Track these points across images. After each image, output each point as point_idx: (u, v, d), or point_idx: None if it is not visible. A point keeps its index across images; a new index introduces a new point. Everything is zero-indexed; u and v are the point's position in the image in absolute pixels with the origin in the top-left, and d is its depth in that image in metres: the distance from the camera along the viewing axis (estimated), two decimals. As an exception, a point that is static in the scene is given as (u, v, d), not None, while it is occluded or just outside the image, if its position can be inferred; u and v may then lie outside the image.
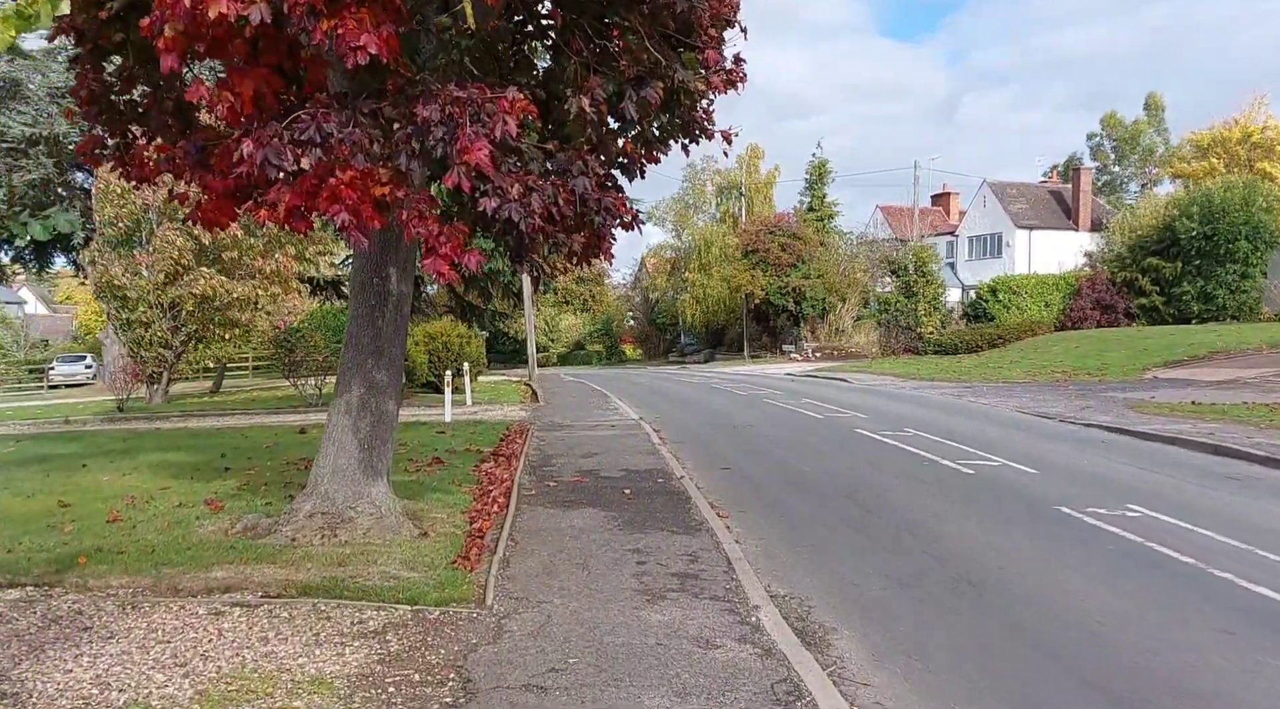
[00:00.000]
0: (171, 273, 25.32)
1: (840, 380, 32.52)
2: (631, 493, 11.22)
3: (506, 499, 11.05)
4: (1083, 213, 60.20)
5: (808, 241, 54.34)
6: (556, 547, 8.73)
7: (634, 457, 14.33)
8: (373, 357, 9.47)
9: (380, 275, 9.45)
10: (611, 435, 17.12)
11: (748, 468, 13.62)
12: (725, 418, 20.44)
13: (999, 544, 8.92)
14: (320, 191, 7.04)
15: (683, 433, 17.92)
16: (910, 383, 30.22)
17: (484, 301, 47.62)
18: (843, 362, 46.43)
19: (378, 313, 9.48)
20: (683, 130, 8.87)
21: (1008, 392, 25.48)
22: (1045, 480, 12.10)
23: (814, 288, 52.76)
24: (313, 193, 7.12)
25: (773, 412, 21.50)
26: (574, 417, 21.17)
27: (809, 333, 54.45)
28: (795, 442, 16.27)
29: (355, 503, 9.35)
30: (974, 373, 32.50)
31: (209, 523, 9.68)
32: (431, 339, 28.56)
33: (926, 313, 42.72)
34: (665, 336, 76.42)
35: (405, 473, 12.98)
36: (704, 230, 63.27)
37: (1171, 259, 40.48)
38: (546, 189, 7.39)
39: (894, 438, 16.25)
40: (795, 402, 23.84)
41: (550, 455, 14.62)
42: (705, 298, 61.42)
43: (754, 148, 65.83)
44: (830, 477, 12.71)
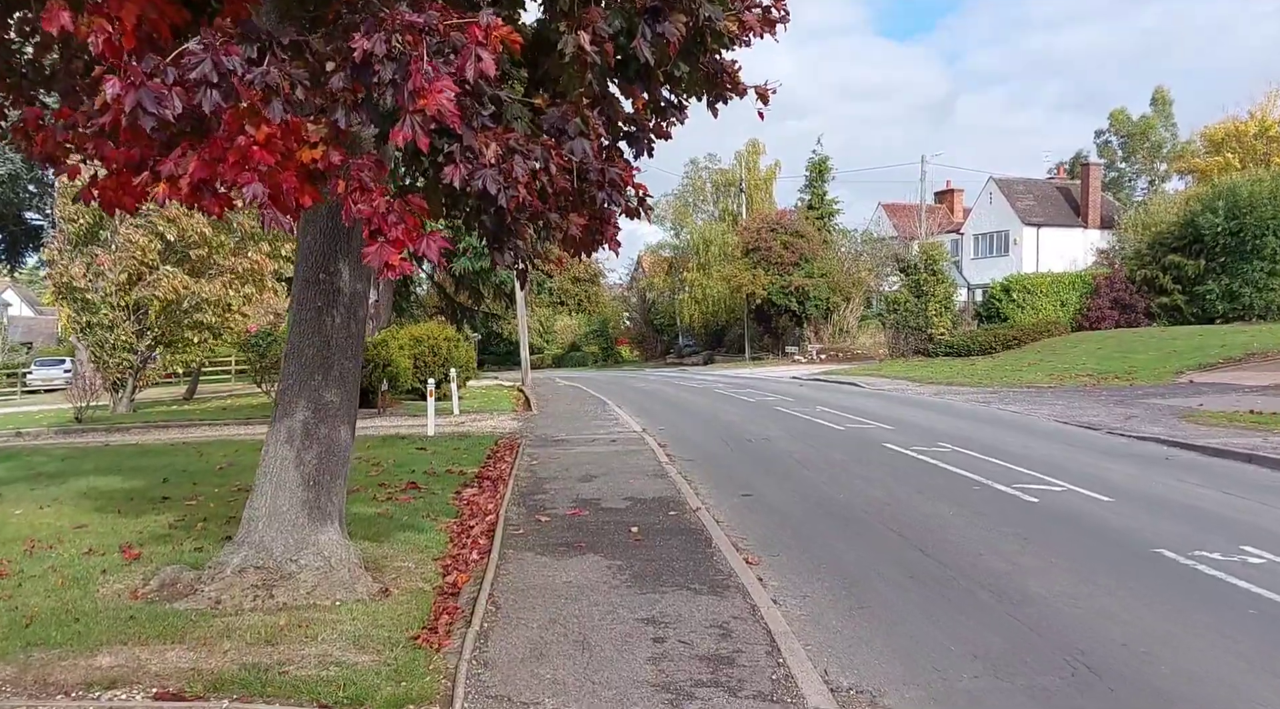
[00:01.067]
0: (135, 273, 23.43)
1: (852, 385, 30.68)
2: (640, 532, 9.35)
3: (489, 540, 9.18)
4: (1092, 210, 58.51)
5: (811, 240, 52.56)
6: (549, 614, 6.87)
7: (640, 480, 12.47)
8: (320, 371, 7.61)
9: (328, 270, 7.59)
10: (612, 452, 15.26)
11: (771, 494, 11.76)
12: (737, 429, 18.59)
13: (1106, 606, 7.07)
14: (226, 155, 5.20)
15: (692, 448, 16.06)
16: (928, 388, 28.38)
17: (475, 303, 45.75)
18: (849, 364, 44.62)
19: (326, 316, 7.62)
20: (708, 84, 7.01)
21: (1036, 398, 23.66)
22: (1124, 511, 10.26)
23: (818, 287, 50.98)
24: (221, 158, 5.28)
25: (787, 422, 19.65)
26: (570, 428, 19.31)
27: (812, 334, 52.68)
28: (819, 459, 14.42)
29: (298, 554, 7.49)
30: (993, 377, 30.69)
31: (117, 579, 7.80)
32: (417, 343, 26.71)
33: (937, 313, 40.90)
34: (663, 338, 74.57)
35: (373, 502, 11.11)
36: (703, 228, 61.48)
37: (1194, 256, 38.67)
38: (534, 152, 5.54)
39: (930, 455, 14.40)
40: (809, 409, 22.00)
41: (543, 478, 12.75)
42: (704, 298, 59.66)
43: (753, 143, 64.07)
44: (870, 505, 10.86)
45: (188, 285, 23.31)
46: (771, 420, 20.04)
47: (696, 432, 18.59)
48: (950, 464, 13.51)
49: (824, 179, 66.34)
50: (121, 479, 13.04)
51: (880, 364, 40.60)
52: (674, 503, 10.86)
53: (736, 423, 19.78)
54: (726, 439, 17.12)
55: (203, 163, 5.33)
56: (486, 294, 43.87)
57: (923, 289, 41.64)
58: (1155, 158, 71.71)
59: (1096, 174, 61.31)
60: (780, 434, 17.56)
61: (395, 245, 5.23)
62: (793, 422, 19.66)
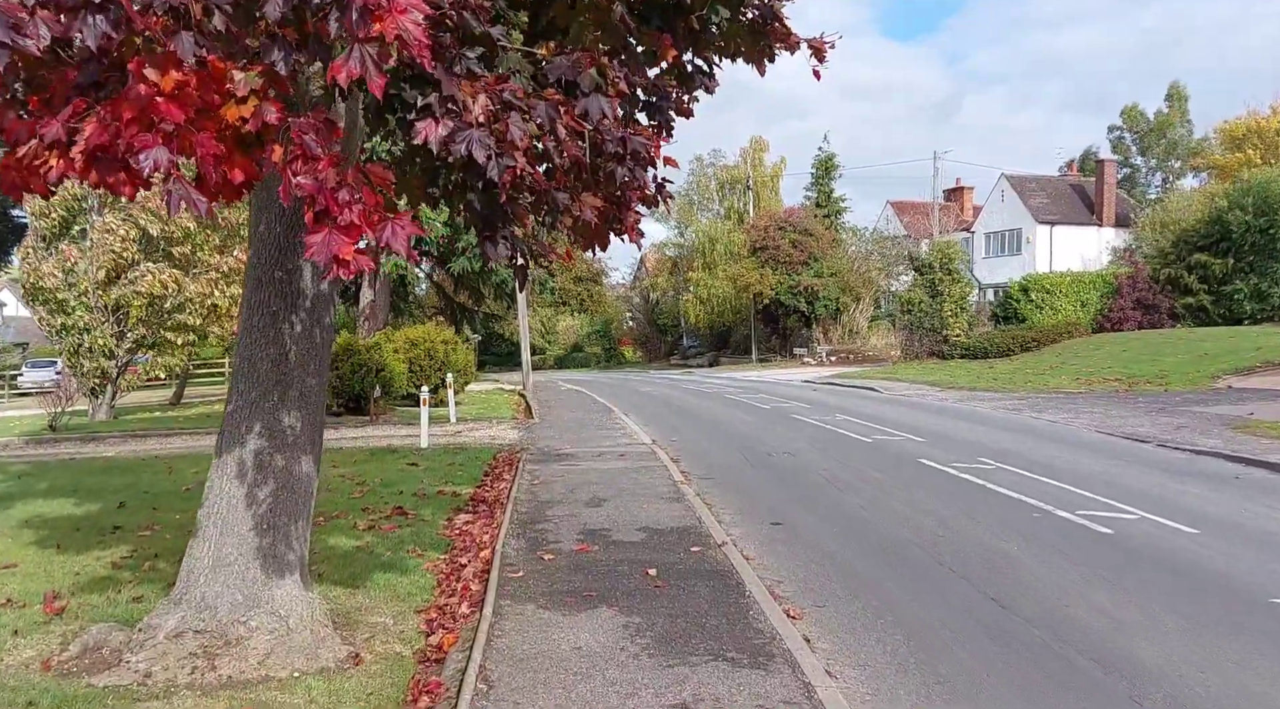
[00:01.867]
0: (113, 269, 22.07)
1: (869, 390, 29.29)
2: (659, 576, 7.97)
3: (483, 585, 7.82)
4: (1106, 207, 57.14)
5: (820, 238, 51.20)
6: (554, 698, 5.49)
7: (654, 504, 11.09)
8: (277, 390, 6.25)
9: (286, 266, 6.22)
10: (622, 469, 13.87)
11: (805, 522, 10.39)
12: (754, 441, 17.21)
13: (1250, 686, 5.69)
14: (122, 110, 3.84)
15: (709, 464, 14.69)
16: (950, 393, 26.99)
17: (475, 303, 44.42)
18: (861, 366, 43.24)
19: (284, 323, 6.25)
20: (751, 35, 5.63)
21: (1069, 405, 22.27)
22: (1217, 547, 8.88)
23: (827, 287, 49.63)
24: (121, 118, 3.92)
25: (808, 432, 18.27)
26: (574, 439, 17.94)
27: (821, 335, 51.30)
28: (852, 478, 13.04)
29: (248, 613, 6.13)
30: (1016, 381, 29.31)
31: (30, 642, 6.43)
32: (413, 346, 25.36)
33: (953, 314, 39.50)
34: (666, 338, 73.19)
35: (352, 533, 9.75)
36: (708, 227, 60.11)
37: (1221, 254, 37.26)
38: (536, 110, 4.17)
39: (974, 473, 13.02)
40: (829, 418, 20.62)
41: (545, 502, 11.37)
42: (710, 298, 58.28)
43: (758, 140, 62.79)
44: (921, 537, 9.48)
45: (177, 280, 21.91)
46: (791, 430, 18.66)
47: (711, 444, 17.22)
48: (999, 485, 12.13)
49: (830, 177, 65.00)
50: (74, 503, 11.67)
51: (894, 367, 39.22)
52: (695, 535, 9.48)
53: (753, 433, 18.40)
54: (745, 453, 15.74)
55: (102, 124, 3.99)
56: (487, 294, 42.54)
57: (938, 289, 40.26)
58: (1171, 155, 70.27)
59: (1112, 170, 59.95)
60: (803, 447, 16.18)
61: (348, 233, 3.86)
62: (814, 432, 18.28)
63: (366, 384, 22.39)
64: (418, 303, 47.05)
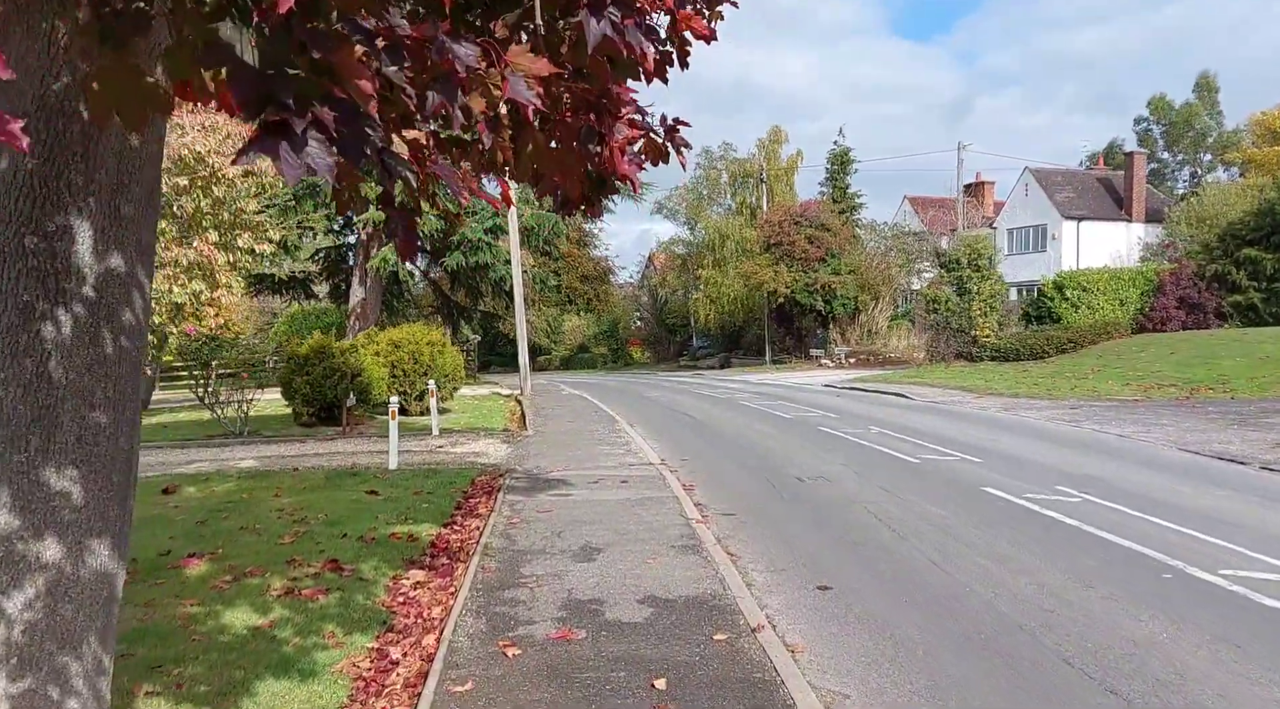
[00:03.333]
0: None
1: (898, 396, 26.72)
2: (670, 692, 5.46)
3: (414, 701, 5.33)
4: (1136, 202, 54.56)
5: (838, 233, 48.59)
6: None
7: (663, 557, 8.58)
8: (34, 433, 3.74)
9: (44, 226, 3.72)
10: (623, 501, 11.37)
11: (864, 588, 7.86)
12: (780, 461, 14.70)
13: None
14: None
15: (729, 493, 12.18)
16: (990, 400, 24.42)
17: (473, 301, 41.99)
18: (883, 369, 40.68)
19: (42, 322, 3.75)
20: None
21: (1130, 415, 19.70)
22: None
23: (845, 285, 47.03)
24: None
25: (843, 450, 15.75)
26: (569, 457, 15.44)
27: (838, 335, 48.72)
28: (907, 515, 10.51)
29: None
30: (1059, 386, 26.72)
31: None
32: (396, 348, 22.88)
33: (982, 313, 36.92)
34: (675, 339, 70.72)
35: (259, 604, 7.27)
36: (719, 223, 57.57)
37: (1273, 249, 34.61)
38: None
39: (1060, 509, 10.49)
40: (862, 430, 18.09)
41: (523, 553, 8.86)
42: (720, 297, 55.79)
43: (775, 130, 60.09)
44: (1029, 616, 6.95)
45: (116, 280, 19.41)
46: (821, 447, 16.14)
47: (729, 464, 14.70)
48: (1097, 527, 9.60)
49: (846, 172, 62.39)
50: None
51: (919, 370, 36.63)
52: (719, 609, 6.97)
53: (777, 450, 15.88)
54: (771, 477, 13.21)
55: None
56: (485, 291, 40.11)
57: (965, 286, 37.68)
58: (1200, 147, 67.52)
59: (1141, 163, 57.34)
60: (839, 469, 13.65)
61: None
62: (849, 450, 15.75)
63: (340, 391, 19.95)
64: (413, 302, 44.64)
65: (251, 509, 10.94)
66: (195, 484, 12.89)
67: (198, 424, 20.75)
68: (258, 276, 38.77)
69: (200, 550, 8.93)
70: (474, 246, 34.31)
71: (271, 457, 16.23)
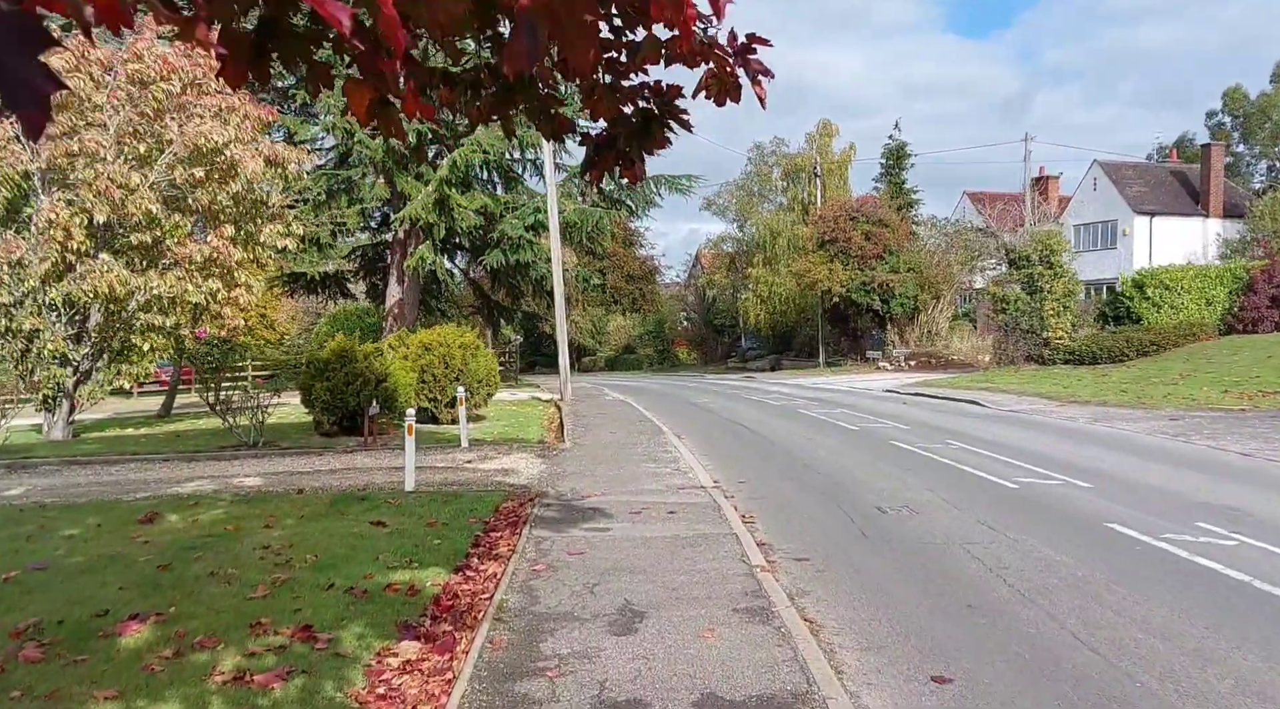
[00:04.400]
0: (59, 262, 18.26)
1: (971, 404, 24.52)
2: None
3: None
4: (1213, 196, 51.53)
5: (896, 229, 46.25)
6: None
7: (722, 629, 6.66)
8: None
9: None
10: (671, 539, 9.48)
11: (998, 684, 5.88)
12: (853, 484, 12.72)
13: None
14: None
15: (799, 530, 10.24)
16: (1075, 410, 22.15)
17: (514, 301, 40.33)
18: (945, 372, 38.37)
19: None
20: None
21: (1242, 428, 17.41)
22: None
23: (904, 283, 44.67)
24: None
25: (923, 470, 13.71)
26: (609, 477, 13.57)
27: (896, 336, 46.39)
28: (1025, 565, 8.48)
29: None
30: (1148, 393, 24.35)
31: None
32: (426, 351, 21.22)
33: (1055, 313, 34.45)
34: (723, 339, 68.71)
35: (185, 701, 5.49)
36: (770, 219, 55.37)
37: (1379, 244, 31.82)
38: None
39: (1218, 558, 8.40)
40: (940, 445, 16.04)
41: (545, 619, 6.99)
42: (771, 296, 53.63)
43: (825, 123, 57.66)
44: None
45: (125, 281, 18.05)
46: (898, 465, 14.12)
47: (794, 487, 12.75)
48: (1275, 584, 7.54)
49: (902, 166, 60.13)
50: None
51: (987, 374, 34.27)
52: (806, 720, 5.07)
53: (848, 470, 13.89)
54: (846, 506, 11.24)
55: None
56: (527, 291, 38.38)
57: (1037, 284, 35.23)
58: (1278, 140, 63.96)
59: (1219, 156, 54.20)
60: (925, 496, 11.64)
61: None
62: (931, 470, 13.71)
63: (362, 398, 18.31)
64: (453, 302, 43.10)
65: (232, 546, 9.23)
66: (181, 511, 11.24)
67: (213, 434, 19.22)
68: (291, 275, 37.50)
69: (149, 608, 7.20)
70: (514, 244, 32.59)
71: (280, 473, 14.59)
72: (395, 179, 31.92)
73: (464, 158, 29.78)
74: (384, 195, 32.56)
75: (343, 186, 32.19)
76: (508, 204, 33.51)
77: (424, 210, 30.12)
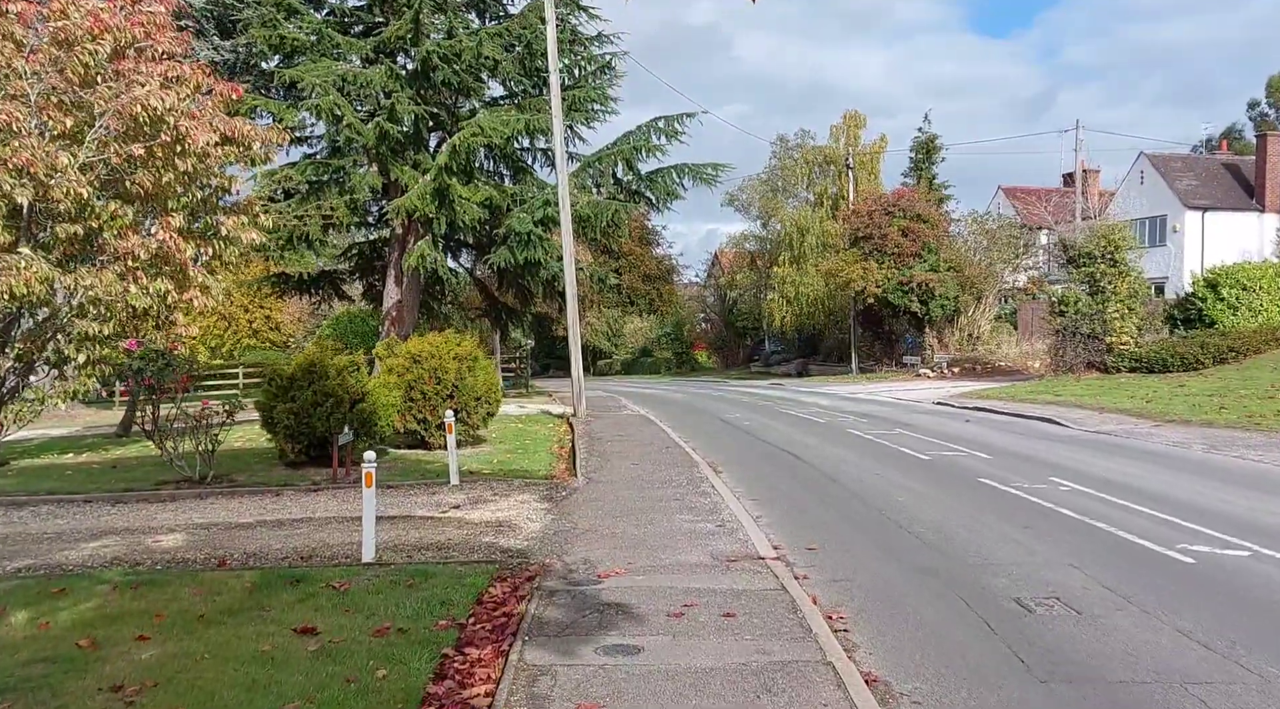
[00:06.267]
0: (-31, 257, 15.13)
1: (1046, 423, 21.17)
2: None
3: None
4: (1270, 189, 48.05)
5: (935, 225, 42.88)
6: None
7: None
8: None
9: None
10: (733, 672, 6.25)
11: None
12: (963, 552, 9.47)
13: None
14: None
15: (917, 646, 6.98)
16: (1176, 431, 18.79)
17: (523, 303, 37.12)
18: (993, 381, 35.04)
19: None
20: None
21: None
22: None
23: (944, 283, 41.29)
24: None
25: (1049, 527, 10.45)
26: (634, 540, 10.33)
27: (935, 341, 43.02)
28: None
29: None
30: (1252, 409, 20.96)
31: None
32: (414, 363, 18.05)
33: (1119, 315, 31.08)
34: (745, 342, 65.46)
35: None
36: (797, 215, 52.05)
37: None
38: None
39: None
40: (1045, 485, 12.78)
41: None
42: (798, 296, 50.35)
43: (854, 114, 54.32)
44: None
45: (44, 278, 14.90)
46: (1012, 521, 10.84)
47: (885, 561, 9.48)
48: None
49: (932, 160, 56.73)
50: None
51: (1045, 383, 30.86)
52: None
53: (949, 528, 10.62)
54: (974, 601, 7.96)
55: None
56: (537, 292, 35.16)
57: (1099, 284, 31.83)
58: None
59: (1276, 147, 50.49)
60: (1076, 580, 8.35)
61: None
62: (1058, 527, 10.43)
63: (332, 422, 15.18)
64: (457, 304, 39.97)
65: (67, 686, 6.08)
66: (39, 602, 8.09)
67: (159, 465, 16.07)
68: (279, 276, 34.45)
69: None
70: (523, 240, 29.36)
71: (213, 527, 11.46)
72: (390, 167, 28.81)
73: (465, 143, 26.63)
74: (377, 185, 29.44)
75: (333, 177, 29.10)
76: (515, 196, 30.33)
77: (421, 201, 26.98)
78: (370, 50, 29.00)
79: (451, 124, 29.82)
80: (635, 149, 30.13)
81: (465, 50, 27.36)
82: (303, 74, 26.85)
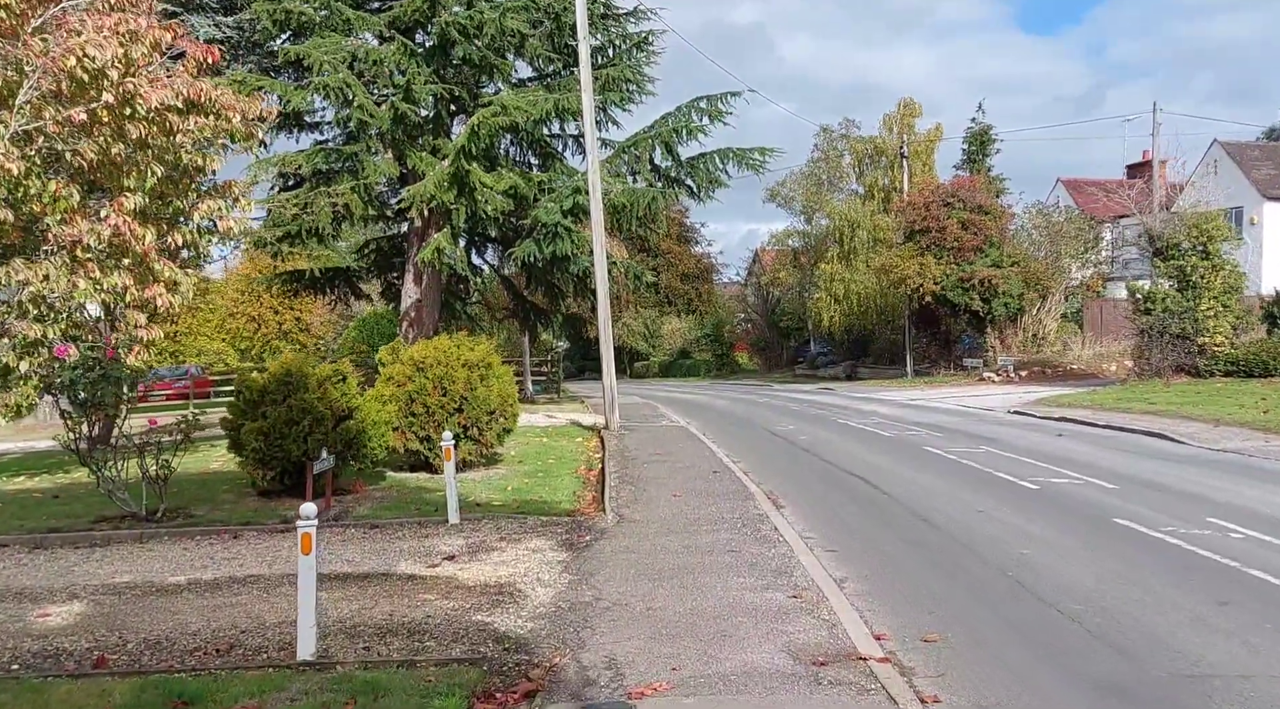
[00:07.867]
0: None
1: (1155, 438, 18.08)
2: None
3: None
4: (1358, 177, 44.42)
5: (998, 217, 39.68)
6: None
7: None
8: None
9: None
10: None
11: None
12: (1128, 639, 6.61)
13: None
14: None
15: None
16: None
17: (553, 302, 34.45)
18: (1065, 385, 31.89)
19: None
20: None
21: None
22: None
23: (1008, 280, 38.05)
24: None
25: (1237, 590, 7.55)
26: (677, 624, 7.54)
27: (998, 341, 39.82)
28: None
29: None
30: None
31: None
32: (418, 371, 15.35)
33: (1213, 313, 27.85)
34: (789, 343, 62.31)
35: None
36: (845, 209, 48.91)
37: None
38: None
39: None
40: (1211, 532, 9.83)
41: None
42: (847, 295, 47.24)
43: (908, 103, 51.11)
44: None
45: (-32, 271, 12.41)
46: (1192, 592, 7.92)
47: (1040, 664, 6.64)
48: None
49: (987, 152, 53.50)
50: None
51: (1130, 389, 27.62)
52: None
53: (1114, 608, 7.72)
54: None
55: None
56: (567, 289, 32.49)
57: (1189, 279, 28.57)
58: None
59: (1366, 130, 46.62)
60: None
61: None
62: (1264, 599, 7.52)
63: (312, 443, 12.54)
64: (482, 304, 37.41)
65: None
66: None
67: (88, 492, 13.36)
68: (290, 274, 32.11)
69: None
70: (550, 233, 26.67)
71: (134, 589, 8.85)
72: (407, 154, 26.28)
73: (486, 122, 23.98)
74: (393, 173, 26.93)
75: (345, 166, 26.62)
76: (543, 185, 27.64)
77: (438, 188, 24.40)
78: (384, 26, 26.54)
79: (474, 107, 27.21)
80: (675, 131, 27.31)
81: (487, 23, 24.72)
82: (309, 51, 24.43)
